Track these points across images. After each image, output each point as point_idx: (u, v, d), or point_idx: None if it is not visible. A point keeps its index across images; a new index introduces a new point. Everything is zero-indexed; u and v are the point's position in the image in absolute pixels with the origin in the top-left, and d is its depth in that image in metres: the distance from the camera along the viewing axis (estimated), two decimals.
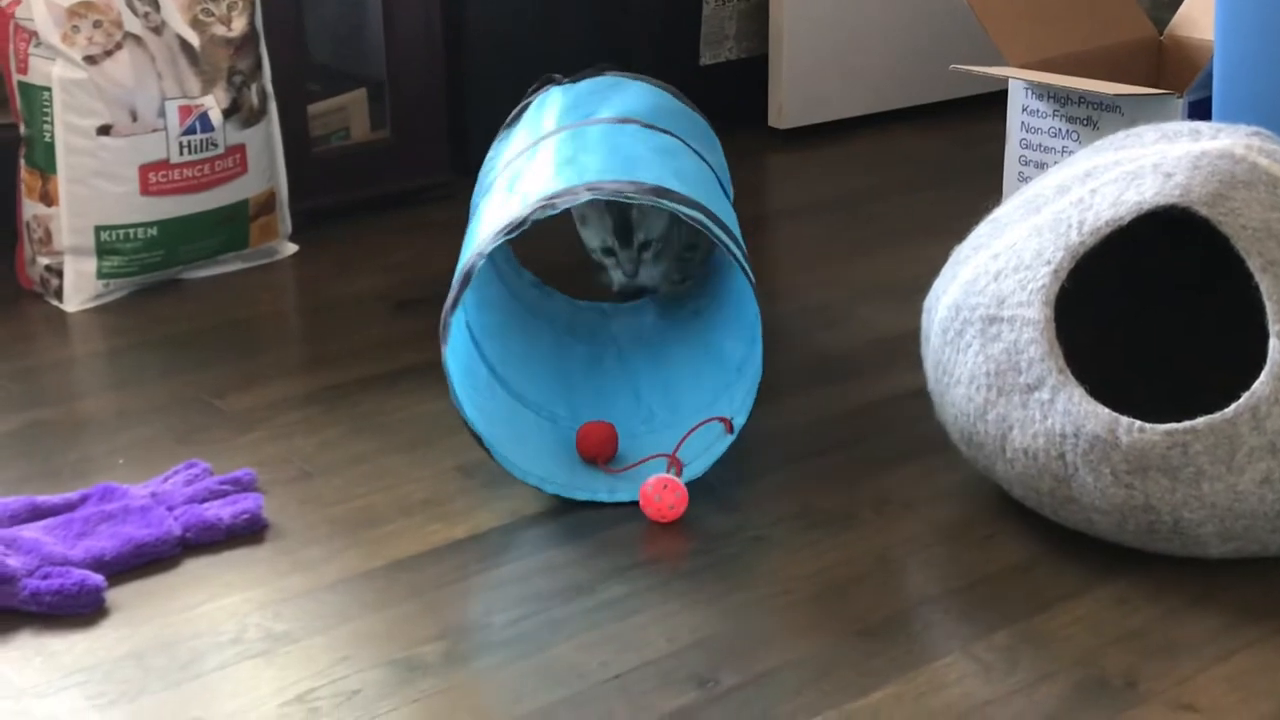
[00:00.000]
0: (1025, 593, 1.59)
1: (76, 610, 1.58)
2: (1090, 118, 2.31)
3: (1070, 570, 1.63)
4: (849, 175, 3.05)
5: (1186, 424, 1.53)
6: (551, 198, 1.67)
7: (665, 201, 1.68)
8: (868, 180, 3.01)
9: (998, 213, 1.78)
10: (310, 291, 2.50)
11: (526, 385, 1.90)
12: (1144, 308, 1.88)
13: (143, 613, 1.59)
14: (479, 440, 1.73)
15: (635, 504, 1.73)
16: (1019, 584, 1.61)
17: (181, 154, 2.38)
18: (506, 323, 1.99)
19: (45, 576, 1.59)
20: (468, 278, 1.67)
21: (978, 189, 1.83)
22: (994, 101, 2.92)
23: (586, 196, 1.68)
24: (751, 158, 3.16)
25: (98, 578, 1.60)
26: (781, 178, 3.14)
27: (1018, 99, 2.41)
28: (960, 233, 1.81)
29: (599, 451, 1.81)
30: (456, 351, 1.69)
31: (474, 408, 1.72)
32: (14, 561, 1.59)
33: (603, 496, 1.76)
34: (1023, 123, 2.41)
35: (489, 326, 1.90)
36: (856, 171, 3.07)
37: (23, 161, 2.39)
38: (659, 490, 1.72)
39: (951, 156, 3.11)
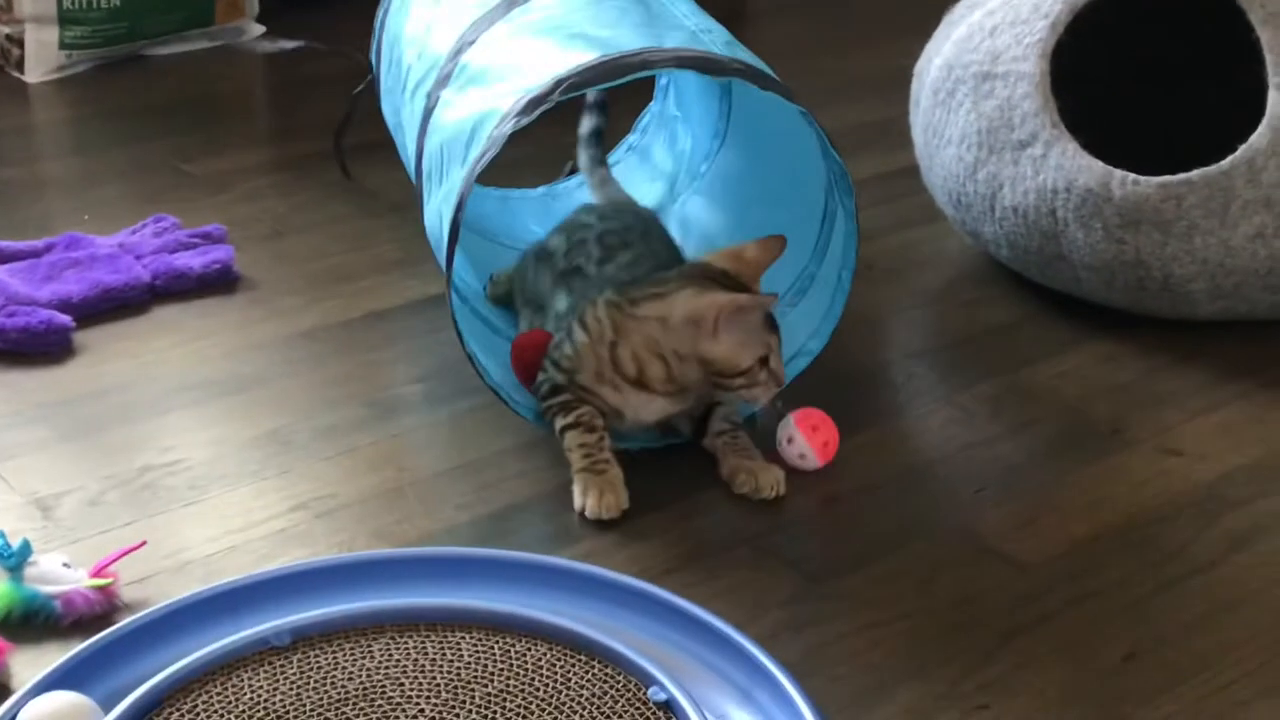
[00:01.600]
0: (1010, 350, 1.58)
1: (43, 348, 1.54)
2: None
3: (1056, 330, 1.61)
4: None
5: (1181, 176, 1.50)
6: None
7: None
8: None
9: None
10: (278, 70, 2.43)
11: (479, 301, 1.58)
12: (1141, 77, 1.84)
13: (111, 353, 1.55)
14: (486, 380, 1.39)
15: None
16: (1004, 342, 1.60)
17: None
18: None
19: (11, 314, 1.54)
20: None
21: None
22: None
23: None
24: None
25: (64, 318, 1.56)
26: None
27: None
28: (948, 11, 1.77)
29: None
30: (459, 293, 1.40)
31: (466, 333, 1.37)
32: None
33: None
34: None
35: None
36: None
37: None
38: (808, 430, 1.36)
39: None
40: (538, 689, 1.03)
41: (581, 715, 1.01)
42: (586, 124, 1.74)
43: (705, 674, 1.06)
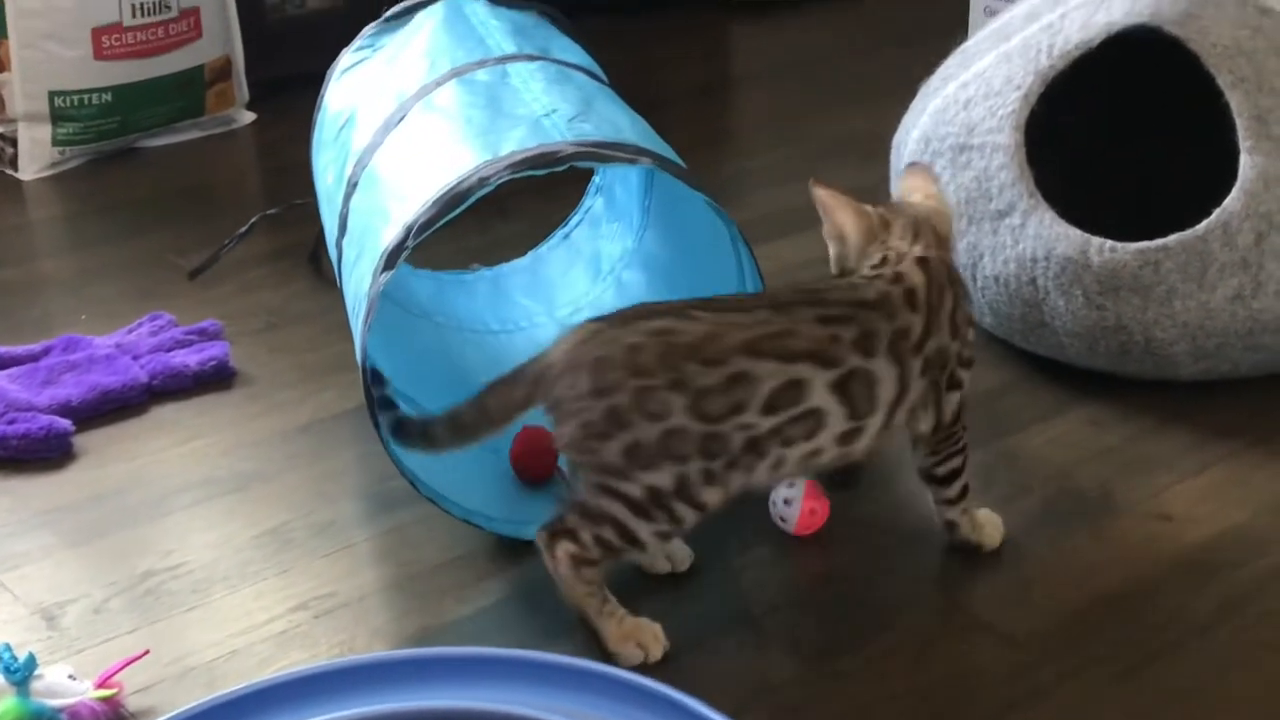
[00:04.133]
0: (997, 418, 1.59)
1: (44, 454, 1.56)
2: None
3: (1042, 395, 1.63)
4: (810, 40, 3.03)
5: (1158, 242, 1.52)
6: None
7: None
8: (829, 43, 2.99)
9: (967, 44, 1.77)
10: (269, 157, 2.46)
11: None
12: (1114, 144, 1.87)
13: (112, 456, 1.57)
14: (436, 502, 1.39)
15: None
16: (991, 410, 1.61)
17: (134, 17, 2.33)
18: (394, 336, 1.53)
19: (11, 422, 1.57)
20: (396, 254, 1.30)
21: (942, 48, 1.82)
22: None
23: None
24: (712, 27, 3.13)
25: (65, 422, 1.58)
26: (741, 45, 3.11)
27: None
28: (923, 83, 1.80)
29: (542, 466, 1.46)
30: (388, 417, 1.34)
31: (420, 466, 1.37)
32: None
33: None
34: None
35: (384, 347, 1.41)
36: (818, 36, 3.05)
37: None
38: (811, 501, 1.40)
39: (915, 18, 3.08)
40: None
41: None
42: None
43: None
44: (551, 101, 1.44)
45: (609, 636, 1.23)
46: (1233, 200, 1.51)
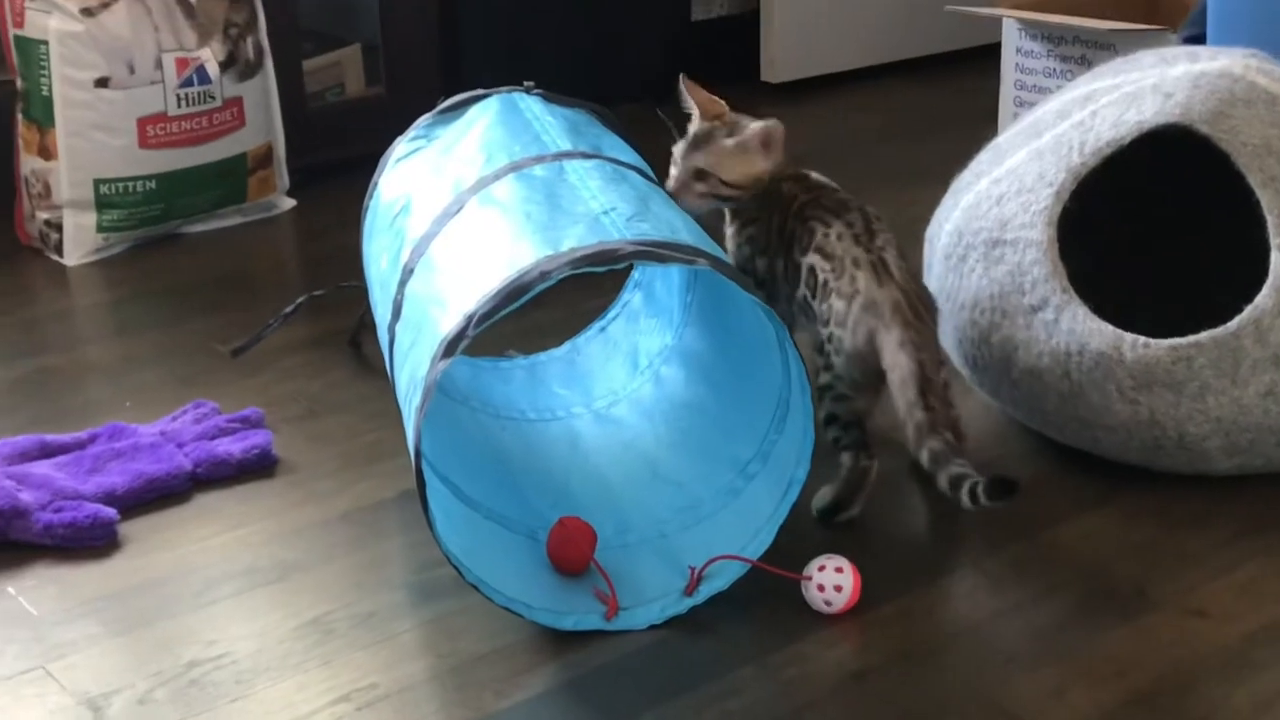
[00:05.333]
0: (1032, 511, 1.60)
1: (90, 542, 1.58)
2: (1084, 56, 2.32)
3: (1076, 489, 1.64)
4: (841, 125, 3.06)
5: (1190, 338, 1.54)
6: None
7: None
8: (860, 129, 3.02)
9: (998, 140, 1.80)
10: (310, 243, 2.51)
11: (494, 498, 1.56)
12: (1146, 237, 1.89)
13: (155, 544, 1.60)
14: (481, 590, 1.40)
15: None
16: (1025, 503, 1.61)
17: (179, 106, 2.38)
18: (436, 420, 1.52)
19: (58, 510, 1.59)
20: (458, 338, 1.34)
21: (972, 136, 1.85)
22: (986, 54, 2.93)
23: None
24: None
25: (110, 511, 1.61)
26: None
27: (1011, 40, 2.43)
28: (956, 177, 1.83)
29: (579, 557, 1.49)
30: (436, 493, 1.39)
31: (463, 552, 1.40)
32: (26, 496, 1.60)
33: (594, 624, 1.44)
34: (1017, 64, 2.44)
35: (426, 429, 1.40)
36: (849, 122, 3.08)
37: (20, 116, 2.39)
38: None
39: (945, 106, 3.12)
40: None
41: None
42: None
43: None
44: (609, 200, 1.47)
45: None
46: (1264, 297, 1.53)
